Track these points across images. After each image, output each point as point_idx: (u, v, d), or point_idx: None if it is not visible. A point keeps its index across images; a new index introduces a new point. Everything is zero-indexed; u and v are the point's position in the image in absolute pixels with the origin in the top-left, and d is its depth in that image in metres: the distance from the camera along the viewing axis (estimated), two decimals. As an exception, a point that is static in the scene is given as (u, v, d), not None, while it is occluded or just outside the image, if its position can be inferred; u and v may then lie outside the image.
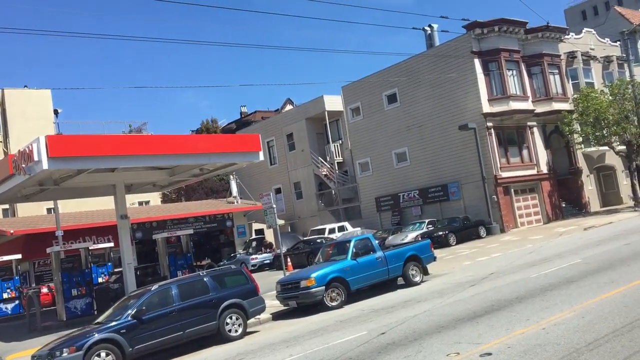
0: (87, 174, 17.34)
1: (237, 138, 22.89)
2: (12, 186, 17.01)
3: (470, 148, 32.84)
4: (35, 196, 20.25)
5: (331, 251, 17.89)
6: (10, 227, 30.22)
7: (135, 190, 22.93)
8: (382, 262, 16.91)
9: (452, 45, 34.14)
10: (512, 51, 34.37)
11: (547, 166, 35.33)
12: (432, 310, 12.38)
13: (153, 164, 18.31)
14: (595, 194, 38.22)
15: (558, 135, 36.51)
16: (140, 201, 43.17)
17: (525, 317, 10.20)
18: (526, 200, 34.26)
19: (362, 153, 40.13)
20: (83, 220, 32.74)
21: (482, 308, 11.67)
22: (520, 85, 34.58)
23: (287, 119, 46.53)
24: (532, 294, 12.35)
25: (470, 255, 23.43)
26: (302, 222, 43.49)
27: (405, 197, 37.17)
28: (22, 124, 40.42)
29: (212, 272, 14.84)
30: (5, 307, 24.84)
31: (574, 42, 37.87)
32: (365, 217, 39.69)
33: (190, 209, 39.32)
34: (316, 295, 15.42)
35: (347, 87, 40.30)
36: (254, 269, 31.70)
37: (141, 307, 12.54)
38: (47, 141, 14.79)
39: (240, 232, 40.06)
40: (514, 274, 15.93)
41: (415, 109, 36.25)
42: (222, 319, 13.50)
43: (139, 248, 34.83)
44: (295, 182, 45.06)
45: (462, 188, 34.00)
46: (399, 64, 36.91)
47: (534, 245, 23.01)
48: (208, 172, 21.56)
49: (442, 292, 14.76)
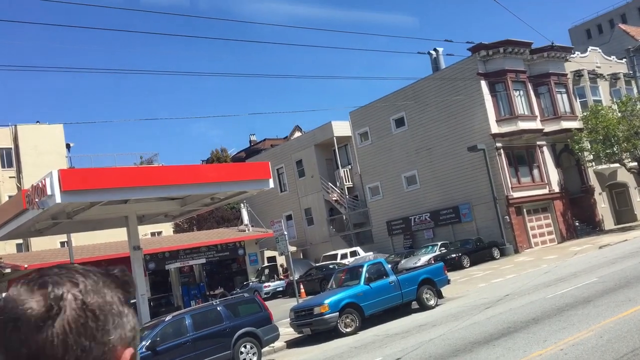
0: (100, 206, 17.48)
1: (247, 166, 23.05)
2: (26, 220, 17.17)
3: (480, 169, 32.79)
4: (49, 230, 20.42)
5: (344, 277, 17.83)
6: (24, 262, 30.36)
7: (147, 221, 23.04)
8: (396, 287, 16.81)
9: (457, 68, 34.35)
10: (519, 72, 34.52)
11: (559, 185, 35.14)
12: (448, 334, 12.24)
13: (164, 194, 18.43)
14: (608, 212, 37.88)
15: (568, 153, 36.40)
16: (153, 232, 43.30)
17: (542, 339, 10.06)
18: (539, 220, 34.01)
19: (372, 177, 40.16)
20: (96, 253, 32.84)
21: (498, 330, 11.53)
22: (527, 105, 34.63)
23: (296, 146, 46.77)
24: (549, 314, 12.19)
25: (485, 277, 23.21)
26: (314, 248, 43.36)
27: (416, 220, 37.03)
28: (34, 159, 40.93)
29: (226, 301, 14.83)
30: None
31: (579, 61, 37.99)
32: (377, 242, 39.52)
33: (202, 238, 39.33)
34: (330, 322, 15.32)
35: (355, 113, 40.54)
36: (267, 296, 31.54)
37: (155, 338, 12.52)
38: (60, 175, 14.96)
39: (253, 260, 39.96)
40: (530, 294, 15.74)
41: (424, 132, 36.35)
42: (237, 348, 13.44)
43: (152, 279, 34.75)
44: (306, 209, 45.06)
45: (473, 209, 33.85)
46: (406, 88, 37.15)
47: (548, 265, 22.76)
48: (219, 201, 21.64)
49: (457, 315, 14.61)
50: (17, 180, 41.16)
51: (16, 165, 41.75)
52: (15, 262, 30.71)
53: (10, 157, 41.90)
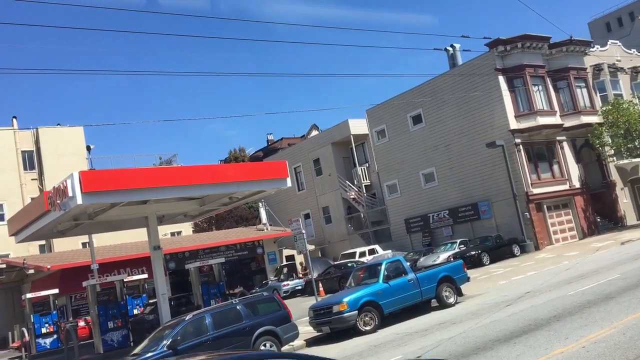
0: (120, 207, 17.68)
1: (264, 166, 23.09)
2: (48, 222, 17.42)
3: (499, 165, 32.52)
4: (70, 231, 20.68)
5: (362, 275, 17.80)
6: (47, 263, 30.84)
7: (167, 221, 23.24)
8: (415, 284, 16.75)
9: (475, 64, 34.09)
10: (537, 66, 34.14)
11: (580, 181, 34.72)
12: (468, 332, 12.18)
13: (184, 194, 18.56)
14: (630, 207, 37.32)
15: (589, 148, 35.94)
16: (172, 232, 43.68)
17: (564, 336, 9.97)
18: (560, 216, 33.63)
19: (390, 175, 40.04)
20: (117, 253, 33.24)
21: (519, 328, 11.45)
22: (547, 100, 34.25)
23: (313, 145, 46.81)
24: (570, 311, 12.07)
25: (505, 274, 23.03)
26: (332, 246, 43.37)
27: (435, 218, 36.86)
28: (55, 161, 41.52)
29: (245, 300, 14.90)
30: (44, 342, 25.18)
31: (599, 55, 37.47)
32: (396, 239, 39.41)
33: (221, 237, 39.60)
34: (349, 320, 15.32)
35: (372, 110, 40.45)
36: (285, 295, 31.63)
37: (176, 337, 12.63)
38: (81, 177, 15.15)
39: (271, 259, 40.13)
40: (551, 292, 15.60)
41: (441, 128, 36.14)
42: (256, 346, 13.51)
43: (173, 278, 35.13)
44: (324, 207, 45.09)
45: (492, 206, 33.58)
46: (423, 85, 36.97)
47: (570, 262, 22.52)
48: (237, 201, 21.74)
49: (477, 313, 14.52)
50: (39, 182, 41.79)
51: (38, 167, 42.39)
52: (39, 263, 31.21)
53: (32, 160, 42.56)
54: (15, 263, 31.85)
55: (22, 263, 30.49)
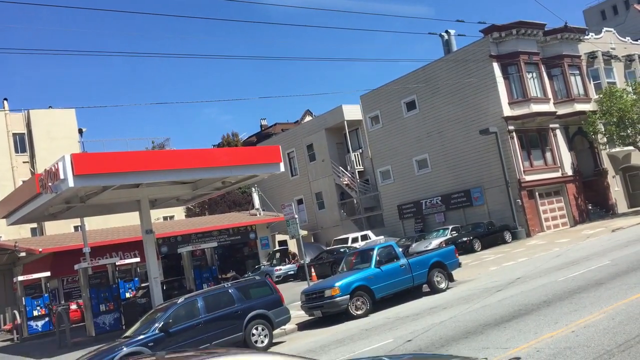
0: (112, 190, 17.63)
1: (257, 150, 23.04)
2: (40, 205, 17.36)
3: (492, 152, 32.58)
4: (62, 214, 20.63)
5: (354, 260, 17.87)
6: (38, 246, 30.75)
7: (160, 205, 23.22)
8: (406, 270, 16.83)
9: (470, 50, 34.00)
10: (531, 53, 34.10)
11: (572, 168, 34.85)
12: (459, 317, 12.27)
13: (176, 178, 18.53)
14: (622, 195, 37.55)
15: (582, 136, 36.04)
16: (165, 216, 43.62)
17: (553, 321, 10.06)
18: (551, 203, 33.80)
19: (383, 161, 40.06)
20: (109, 237, 33.17)
21: (509, 313, 11.54)
22: (540, 88, 34.25)
23: (307, 130, 46.71)
24: (560, 297, 12.18)
25: (496, 260, 23.19)
26: (325, 232, 43.47)
27: (427, 204, 36.97)
28: (47, 144, 41.25)
29: (237, 284, 14.93)
30: (35, 325, 25.21)
31: (594, 42, 37.44)
32: (388, 226, 39.53)
33: (214, 222, 39.58)
34: (341, 304, 15.40)
35: (366, 96, 40.35)
36: (278, 280, 31.73)
37: (168, 319, 12.66)
38: (73, 159, 15.09)
39: (264, 244, 40.19)
40: (541, 278, 15.72)
41: (435, 115, 36.12)
42: (248, 330, 13.56)
43: (165, 262, 35.14)
44: (317, 193, 45.11)
45: (485, 193, 33.70)
46: (417, 71, 36.87)
47: (560, 249, 22.68)
48: (230, 185, 21.74)
49: (468, 298, 14.63)
50: (31, 165, 41.54)
51: (29, 150, 42.12)
52: (30, 246, 31.10)
53: (24, 142, 42.26)
54: (7, 246, 31.72)
55: (14, 246, 30.38)
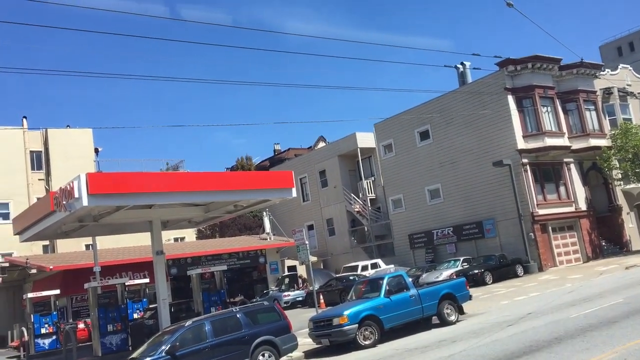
0: (125, 210, 17.74)
1: (270, 175, 23.13)
2: (53, 222, 17.47)
3: (506, 185, 32.45)
4: (75, 232, 20.74)
5: (364, 288, 17.73)
6: (49, 263, 30.91)
7: (171, 227, 23.28)
8: (416, 300, 16.67)
9: (485, 82, 34.14)
10: (547, 87, 34.16)
11: (586, 203, 34.58)
12: (468, 351, 12.11)
13: (189, 200, 18.61)
14: (636, 232, 37.10)
15: (596, 171, 35.84)
16: (176, 237, 43.74)
17: (565, 358, 9.90)
18: (564, 238, 33.47)
19: (395, 189, 40.01)
20: (120, 256, 33.28)
21: (519, 349, 11.37)
22: (555, 122, 34.23)
23: (320, 156, 46.88)
24: (572, 334, 11.99)
25: (507, 294, 22.90)
26: (335, 259, 43.28)
27: (439, 234, 36.74)
28: (63, 163, 41.71)
29: (245, 309, 14.87)
30: (42, 342, 25.17)
31: (609, 79, 37.47)
32: (399, 255, 39.29)
33: (224, 245, 39.61)
34: (349, 334, 15.25)
35: (380, 125, 40.52)
36: (286, 305, 31.54)
37: (175, 342, 12.62)
38: (88, 179, 15.22)
39: (273, 269, 40.07)
40: (553, 314, 15.49)
41: (448, 145, 36.14)
42: (255, 356, 13.46)
43: (174, 284, 35.11)
44: (328, 219, 45.05)
45: (497, 225, 33.46)
46: (431, 101, 37.03)
47: (573, 285, 22.37)
48: (242, 209, 21.77)
49: (478, 332, 14.43)
50: (46, 182, 41.98)
51: (45, 168, 42.61)
52: (41, 263, 31.28)
53: (40, 160, 42.79)
54: (18, 262, 31.92)
55: (25, 262, 30.56)
